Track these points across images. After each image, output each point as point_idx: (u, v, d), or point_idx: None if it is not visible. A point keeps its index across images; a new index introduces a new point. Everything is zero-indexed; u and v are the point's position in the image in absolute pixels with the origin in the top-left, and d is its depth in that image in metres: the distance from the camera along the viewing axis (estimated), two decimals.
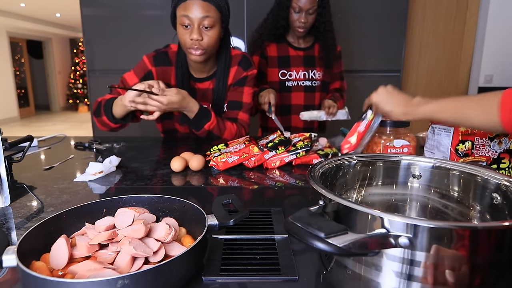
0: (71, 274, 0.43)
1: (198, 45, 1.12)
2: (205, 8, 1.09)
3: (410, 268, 0.37)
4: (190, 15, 1.09)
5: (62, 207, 0.75)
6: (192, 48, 1.13)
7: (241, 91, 1.30)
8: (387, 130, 0.88)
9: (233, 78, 1.30)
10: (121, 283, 0.38)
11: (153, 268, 0.40)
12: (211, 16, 1.10)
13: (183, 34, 1.13)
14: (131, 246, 0.44)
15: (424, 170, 0.59)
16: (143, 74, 1.24)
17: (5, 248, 0.43)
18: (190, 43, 1.12)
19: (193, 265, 0.47)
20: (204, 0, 1.09)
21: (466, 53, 2.80)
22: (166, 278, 0.42)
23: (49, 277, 0.38)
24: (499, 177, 0.49)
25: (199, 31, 1.11)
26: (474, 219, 0.53)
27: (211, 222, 0.51)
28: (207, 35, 1.12)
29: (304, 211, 0.39)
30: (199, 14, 1.09)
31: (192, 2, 1.09)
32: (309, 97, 1.69)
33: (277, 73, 1.67)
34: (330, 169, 0.56)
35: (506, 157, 0.79)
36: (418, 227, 0.35)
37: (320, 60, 1.68)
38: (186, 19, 1.10)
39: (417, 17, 2.73)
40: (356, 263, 0.41)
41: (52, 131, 7.00)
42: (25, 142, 1.00)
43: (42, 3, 6.88)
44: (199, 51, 1.13)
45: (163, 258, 0.47)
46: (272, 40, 1.66)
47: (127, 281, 0.38)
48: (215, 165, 1.02)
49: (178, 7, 1.12)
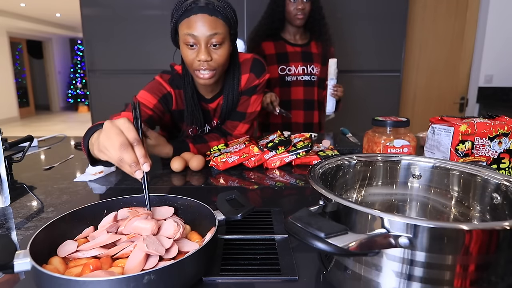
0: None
1: (207, 66, 0.97)
2: (212, 24, 0.93)
3: (410, 268, 0.37)
4: (195, 33, 0.93)
5: (62, 207, 0.75)
6: (200, 69, 0.98)
7: (248, 102, 1.18)
8: (387, 130, 0.88)
9: (244, 86, 1.16)
10: (147, 279, 0.38)
11: (179, 261, 0.41)
12: (220, 33, 0.95)
13: (188, 55, 0.98)
14: (144, 244, 0.45)
15: (424, 170, 0.59)
16: (161, 95, 1.09)
17: (14, 253, 0.42)
18: (198, 64, 0.98)
19: (209, 259, 0.48)
20: (211, 15, 0.93)
21: (466, 53, 2.80)
22: (188, 272, 0.43)
23: (74, 277, 0.38)
24: (499, 177, 0.49)
25: (207, 50, 0.95)
26: (474, 219, 0.53)
27: (218, 217, 0.52)
28: (216, 53, 0.97)
29: (304, 211, 0.39)
30: (206, 31, 0.93)
31: (197, 18, 0.93)
32: (308, 91, 1.71)
33: (276, 69, 1.69)
34: (330, 169, 0.56)
35: (506, 157, 0.79)
36: (418, 227, 0.35)
37: (317, 56, 1.71)
38: (191, 38, 0.94)
39: (417, 17, 2.72)
40: (356, 263, 0.41)
41: (52, 131, 7.00)
42: (25, 142, 1.00)
43: (42, 3, 6.88)
44: (208, 73, 0.99)
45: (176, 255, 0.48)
46: (269, 39, 1.69)
47: (153, 276, 0.39)
48: (215, 165, 1.02)
49: (180, 23, 0.96)
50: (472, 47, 2.80)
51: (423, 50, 2.79)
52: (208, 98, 1.16)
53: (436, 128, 0.86)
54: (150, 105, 1.05)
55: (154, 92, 1.07)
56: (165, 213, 0.58)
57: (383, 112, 2.47)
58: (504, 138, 0.78)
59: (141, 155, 0.56)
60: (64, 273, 0.45)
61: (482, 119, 0.80)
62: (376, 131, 0.88)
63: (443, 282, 0.36)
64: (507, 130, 0.78)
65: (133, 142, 0.56)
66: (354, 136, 1.42)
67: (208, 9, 0.93)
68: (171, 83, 1.11)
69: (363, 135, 0.93)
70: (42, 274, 0.39)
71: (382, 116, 0.89)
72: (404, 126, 0.87)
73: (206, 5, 0.93)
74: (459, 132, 0.78)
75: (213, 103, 1.17)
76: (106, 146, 0.57)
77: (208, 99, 1.16)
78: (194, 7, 0.93)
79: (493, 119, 0.81)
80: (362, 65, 2.48)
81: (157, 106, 1.07)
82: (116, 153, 0.55)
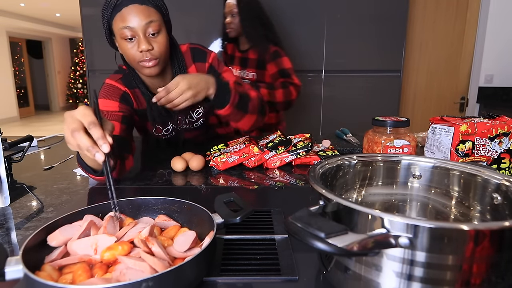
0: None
1: (150, 55, 0.94)
2: (145, 12, 0.91)
3: (410, 268, 0.37)
4: (131, 24, 0.91)
5: (62, 207, 0.75)
6: (144, 60, 0.95)
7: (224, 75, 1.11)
8: (387, 130, 0.88)
9: None
10: (145, 286, 0.38)
11: (175, 268, 0.40)
12: (155, 20, 0.93)
13: (128, 49, 0.94)
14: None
15: (424, 170, 0.59)
16: (119, 96, 1.04)
17: (5, 260, 0.41)
18: (140, 55, 0.94)
19: (209, 263, 0.48)
20: (142, 3, 0.92)
21: (466, 53, 2.80)
22: (186, 277, 0.42)
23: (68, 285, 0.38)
24: (499, 177, 0.49)
25: (147, 39, 0.93)
26: (474, 219, 0.52)
27: (217, 220, 0.51)
28: (156, 42, 0.95)
29: (304, 211, 0.39)
30: (141, 21, 0.91)
31: (129, 9, 0.90)
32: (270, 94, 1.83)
33: None
34: (330, 169, 0.55)
35: (506, 157, 0.79)
36: (418, 227, 0.35)
37: (253, 62, 1.87)
38: (128, 31, 0.91)
39: (417, 17, 2.72)
40: (356, 263, 0.41)
41: (51, 131, 6.99)
42: (25, 142, 1.00)
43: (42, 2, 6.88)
44: (152, 61, 0.95)
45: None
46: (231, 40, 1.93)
47: (151, 283, 0.38)
48: (215, 165, 1.02)
49: (113, 20, 0.93)
50: (473, 47, 2.80)
51: (423, 50, 2.79)
52: None
53: (436, 128, 0.85)
54: (116, 108, 1.00)
55: (111, 95, 1.03)
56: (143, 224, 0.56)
57: (383, 112, 2.46)
58: (505, 138, 0.78)
59: (98, 136, 0.53)
60: (57, 280, 0.44)
61: (483, 119, 0.80)
62: (376, 131, 0.88)
63: (443, 282, 0.36)
64: (508, 130, 0.78)
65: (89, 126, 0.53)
66: (354, 136, 1.42)
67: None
68: (124, 82, 1.06)
69: (363, 135, 0.92)
70: (35, 282, 0.38)
71: (382, 116, 0.89)
72: (404, 126, 0.87)
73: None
74: (459, 132, 0.78)
75: None
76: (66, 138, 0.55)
77: None
78: (123, 0, 0.91)
79: (493, 119, 0.81)
80: (362, 65, 2.48)
81: (121, 107, 1.02)
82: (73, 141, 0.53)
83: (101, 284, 0.38)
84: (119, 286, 0.37)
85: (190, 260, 0.42)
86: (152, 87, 1.09)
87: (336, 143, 1.33)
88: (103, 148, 0.53)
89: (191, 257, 0.42)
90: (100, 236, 0.49)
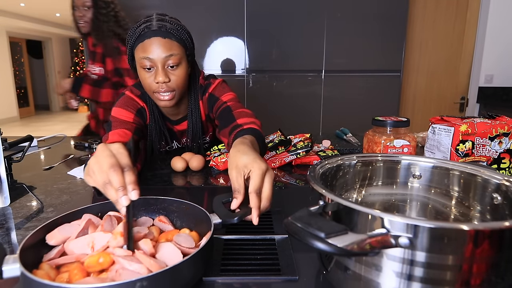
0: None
1: (166, 87, 0.96)
2: (167, 46, 0.93)
3: (410, 268, 0.37)
4: (151, 56, 0.93)
5: (61, 207, 0.75)
6: (159, 92, 0.97)
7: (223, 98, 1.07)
8: (387, 130, 0.88)
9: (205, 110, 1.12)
10: (139, 285, 0.38)
11: (170, 268, 0.40)
12: (175, 54, 0.95)
13: (146, 78, 0.96)
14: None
15: (424, 170, 0.59)
16: (136, 109, 1.05)
17: (3, 258, 0.41)
18: (156, 86, 0.96)
19: (206, 262, 0.48)
20: (165, 37, 0.94)
21: (466, 53, 2.80)
22: (182, 277, 0.42)
23: (64, 284, 0.38)
24: (499, 177, 0.49)
25: (165, 72, 0.95)
26: (474, 219, 0.52)
27: (215, 221, 0.51)
28: (174, 74, 0.96)
29: (304, 211, 0.39)
30: (161, 54, 0.93)
31: (151, 42, 0.93)
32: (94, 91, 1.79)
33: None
34: (330, 169, 0.55)
35: (506, 157, 0.79)
36: (418, 227, 0.35)
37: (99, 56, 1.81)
38: (148, 61, 0.94)
39: (417, 17, 2.72)
40: (356, 263, 0.41)
41: (52, 131, 6.99)
42: (25, 142, 1.00)
43: (41, 2, 6.88)
44: (168, 94, 0.98)
45: None
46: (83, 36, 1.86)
47: (145, 283, 0.38)
48: (215, 165, 1.02)
49: (135, 49, 0.96)
50: (473, 47, 2.80)
51: (423, 50, 2.79)
52: (174, 120, 1.14)
53: (436, 128, 0.85)
54: (130, 119, 1.01)
55: (129, 107, 1.04)
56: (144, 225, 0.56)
57: (383, 112, 2.46)
58: (505, 138, 0.78)
59: (131, 181, 0.51)
60: (54, 279, 0.44)
61: (483, 119, 0.80)
62: (376, 131, 0.88)
63: (443, 282, 0.36)
64: (508, 130, 0.78)
65: (125, 167, 0.52)
66: (354, 136, 1.42)
67: (161, 32, 0.93)
68: (143, 99, 1.08)
69: (363, 135, 0.92)
70: (30, 281, 0.38)
71: (382, 116, 0.89)
72: (404, 126, 0.87)
73: (158, 28, 0.93)
74: (459, 132, 0.78)
75: (180, 125, 1.15)
76: (94, 169, 0.52)
77: (174, 120, 1.14)
78: (147, 31, 0.93)
79: (493, 119, 0.81)
80: (362, 65, 2.48)
81: (135, 120, 1.03)
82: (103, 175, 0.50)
83: (96, 283, 0.38)
84: (113, 285, 0.37)
85: (186, 260, 0.42)
86: (165, 112, 1.12)
87: (336, 143, 1.34)
88: (132, 194, 0.50)
89: (187, 257, 0.42)
90: (97, 234, 0.50)
